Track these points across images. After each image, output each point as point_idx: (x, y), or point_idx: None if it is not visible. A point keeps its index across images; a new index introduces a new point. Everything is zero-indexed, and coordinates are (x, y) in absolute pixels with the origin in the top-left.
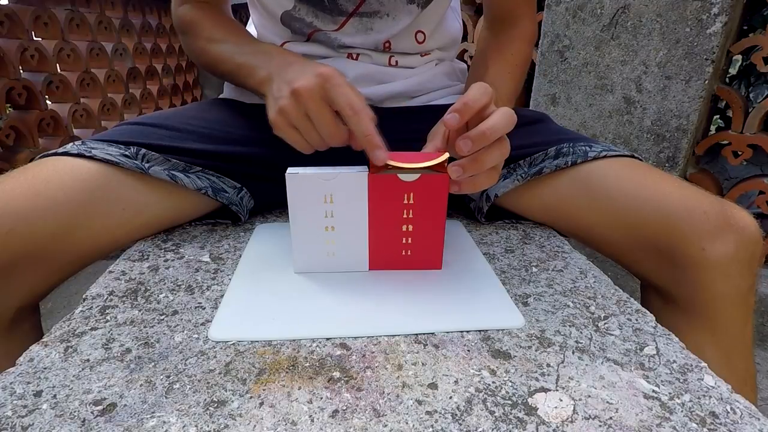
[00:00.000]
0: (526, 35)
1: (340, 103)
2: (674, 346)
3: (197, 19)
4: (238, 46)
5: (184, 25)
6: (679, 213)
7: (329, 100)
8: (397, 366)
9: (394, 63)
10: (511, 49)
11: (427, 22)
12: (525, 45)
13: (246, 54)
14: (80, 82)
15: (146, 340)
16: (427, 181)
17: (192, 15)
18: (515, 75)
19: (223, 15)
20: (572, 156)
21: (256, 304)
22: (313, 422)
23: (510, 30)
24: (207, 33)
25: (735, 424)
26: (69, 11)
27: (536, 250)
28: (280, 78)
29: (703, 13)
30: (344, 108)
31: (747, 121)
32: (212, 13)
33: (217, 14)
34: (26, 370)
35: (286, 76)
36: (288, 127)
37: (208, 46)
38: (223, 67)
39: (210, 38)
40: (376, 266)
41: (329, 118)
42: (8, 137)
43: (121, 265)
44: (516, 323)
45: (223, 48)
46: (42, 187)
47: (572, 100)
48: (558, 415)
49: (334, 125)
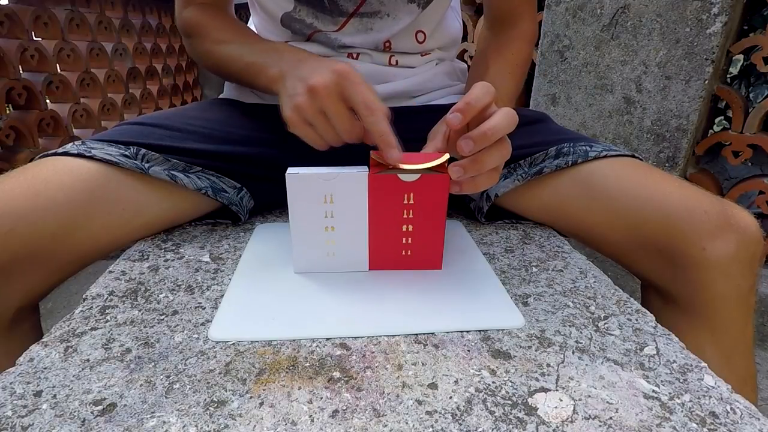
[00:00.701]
0: (526, 35)
1: (357, 101)
2: (674, 346)
3: (202, 21)
4: (246, 45)
5: (188, 28)
6: (679, 213)
7: (345, 97)
8: (397, 366)
9: (394, 63)
10: (511, 49)
11: (428, 22)
12: (525, 45)
13: (255, 53)
14: (80, 82)
15: (146, 340)
16: (427, 181)
17: (197, 17)
18: (516, 75)
19: (227, 16)
20: (573, 156)
21: (256, 304)
22: (313, 422)
23: (510, 30)
24: (213, 35)
25: (735, 424)
26: (69, 11)
27: (536, 250)
28: (294, 75)
29: (703, 13)
30: (360, 106)
31: (747, 121)
32: (217, 15)
33: (222, 16)
34: (26, 370)
35: (300, 73)
36: (303, 124)
37: (216, 48)
38: (232, 67)
39: (217, 40)
40: (376, 266)
41: (346, 115)
42: (8, 137)
43: (121, 265)
44: (516, 323)
45: (231, 48)
46: (42, 187)
47: (572, 100)
48: (558, 415)
49: (350, 122)
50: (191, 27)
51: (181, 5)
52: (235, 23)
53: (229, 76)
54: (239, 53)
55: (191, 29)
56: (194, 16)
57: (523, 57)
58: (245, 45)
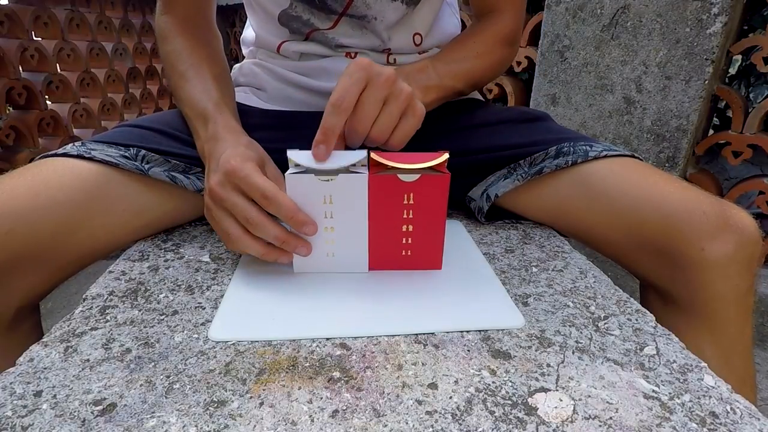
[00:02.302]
0: (500, 31)
1: (253, 196)
2: (674, 346)
3: (171, 38)
4: (194, 94)
5: (161, 38)
6: (678, 213)
7: (243, 192)
8: (397, 366)
9: (392, 61)
10: (476, 38)
11: (423, 23)
12: (499, 41)
13: (195, 109)
14: (80, 82)
15: (146, 340)
16: (427, 181)
17: (169, 31)
18: (469, 58)
19: (198, 39)
20: (573, 156)
21: (256, 304)
22: (313, 422)
23: (487, 24)
24: (175, 60)
25: (735, 424)
26: (69, 11)
27: (536, 250)
28: (208, 163)
29: (703, 13)
30: (258, 199)
31: (747, 121)
32: (189, 34)
33: (192, 38)
34: (26, 370)
35: (210, 165)
36: (213, 221)
37: (174, 76)
38: (181, 104)
39: (176, 68)
40: (376, 266)
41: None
42: (8, 137)
43: (121, 265)
44: (516, 323)
45: (184, 87)
46: (42, 187)
47: (572, 100)
48: (558, 415)
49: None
50: (163, 38)
51: (160, 8)
52: (200, 51)
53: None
54: (187, 97)
55: (162, 40)
56: (168, 29)
57: (487, 49)
58: (194, 93)
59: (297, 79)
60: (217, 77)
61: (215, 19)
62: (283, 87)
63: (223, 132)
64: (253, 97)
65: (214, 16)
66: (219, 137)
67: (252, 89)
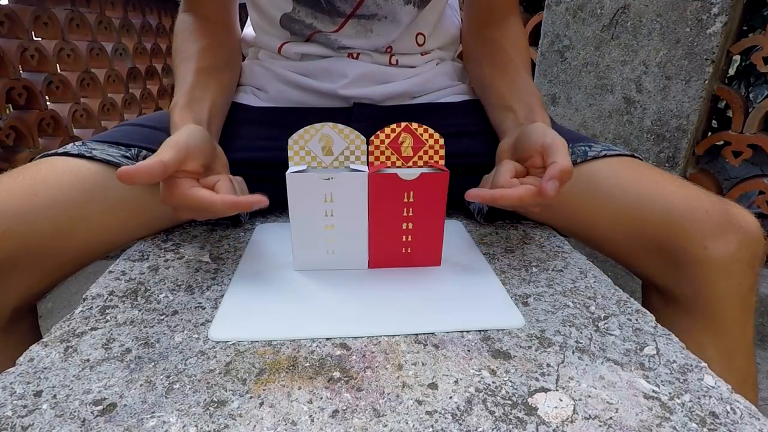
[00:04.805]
0: (521, 31)
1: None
2: (674, 346)
3: (184, 36)
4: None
5: (175, 32)
6: (680, 212)
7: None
8: (397, 366)
9: (394, 62)
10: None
11: (426, 24)
12: (525, 40)
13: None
14: (80, 82)
15: (146, 340)
16: (426, 179)
17: (184, 31)
18: (527, 78)
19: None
20: (572, 156)
21: (256, 304)
22: (313, 422)
23: (503, 28)
24: (179, 59)
25: (735, 424)
26: (69, 11)
27: (536, 250)
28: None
29: (703, 13)
30: (196, 215)
31: (747, 121)
32: (200, 36)
33: (206, 40)
34: (26, 370)
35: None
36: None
37: (176, 70)
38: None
39: (174, 68)
40: (376, 264)
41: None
42: (8, 137)
43: (121, 265)
44: (516, 323)
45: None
46: (41, 186)
47: (572, 100)
48: (558, 415)
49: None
50: (174, 35)
51: (183, 5)
52: (195, 45)
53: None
54: (176, 90)
55: (174, 36)
56: (184, 29)
57: (527, 54)
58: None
59: (298, 79)
60: (200, 71)
61: (236, 19)
62: (284, 87)
63: (172, 130)
64: (253, 97)
65: (234, 17)
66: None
67: (252, 89)
